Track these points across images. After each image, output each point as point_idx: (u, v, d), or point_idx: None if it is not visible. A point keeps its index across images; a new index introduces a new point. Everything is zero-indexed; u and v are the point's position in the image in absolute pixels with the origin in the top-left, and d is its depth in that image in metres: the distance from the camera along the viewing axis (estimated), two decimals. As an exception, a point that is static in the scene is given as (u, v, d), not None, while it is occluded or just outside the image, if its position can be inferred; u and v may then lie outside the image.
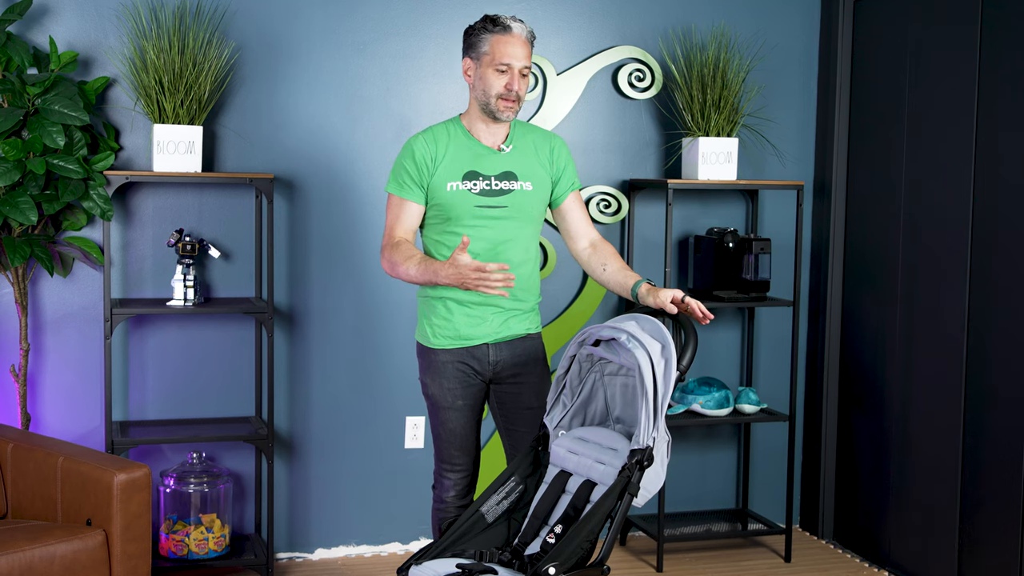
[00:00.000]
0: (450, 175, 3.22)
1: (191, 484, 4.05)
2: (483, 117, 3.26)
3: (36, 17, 3.96)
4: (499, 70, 3.19)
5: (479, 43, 3.23)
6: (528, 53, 3.21)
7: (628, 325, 2.91)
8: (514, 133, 3.31)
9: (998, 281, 3.89)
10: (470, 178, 3.22)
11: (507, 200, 3.23)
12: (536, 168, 3.29)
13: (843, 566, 4.49)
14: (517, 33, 3.20)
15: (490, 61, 3.20)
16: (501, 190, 3.23)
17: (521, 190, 3.25)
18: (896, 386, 4.40)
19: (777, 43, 4.73)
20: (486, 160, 3.25)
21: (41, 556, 3.11)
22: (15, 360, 3.99)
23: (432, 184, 3.23)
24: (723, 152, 4.42)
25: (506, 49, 3.18)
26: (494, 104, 3.21)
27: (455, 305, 3.24)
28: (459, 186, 3.21)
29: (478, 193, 3.21)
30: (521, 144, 3.30)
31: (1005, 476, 3.85)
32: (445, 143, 3.26)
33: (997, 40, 3.90)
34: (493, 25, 3.21)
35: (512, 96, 3.19)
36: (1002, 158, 3.87)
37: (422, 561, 2.86)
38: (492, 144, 3.28)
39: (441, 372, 3.28)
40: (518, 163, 3.27)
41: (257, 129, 4.22)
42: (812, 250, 4.83)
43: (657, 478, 2.83)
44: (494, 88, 3.20)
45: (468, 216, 3.21)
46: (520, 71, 3.20)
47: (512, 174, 3.26)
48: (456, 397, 3.28)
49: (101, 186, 3.85)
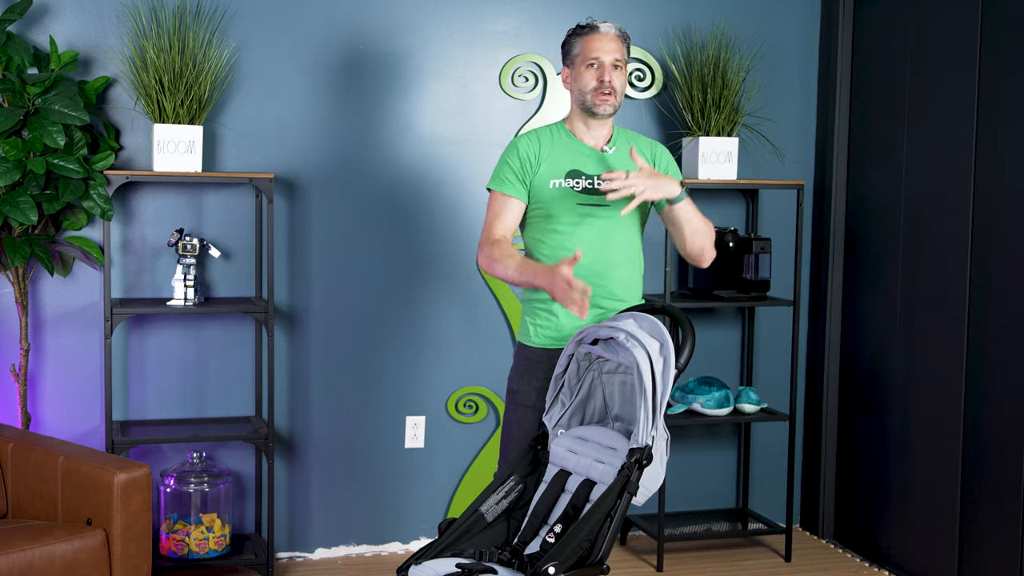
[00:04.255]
0: (553, 173, 3.23)
1: (191, 484, 4.05)
2: (583, 118, 3.27)
3: (36, 17, 3.96)
4: (590, 65, 3.22)
5: (571, 48, 3.28)
6: (618, 47, 3.24)
7: (626, 324, 2.91)
8: (617, 137, 3.33)
9: (999, 280, 3.89)
10: (573, 176, 3.23)
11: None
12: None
13: (843, 566, 4.49)
14: (604, 31, 3.24)
15: (581, 61, 3.23)
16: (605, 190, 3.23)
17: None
18: (896, 386, 4.40)
19: (777, 42, 4.73)
20: (589, 160, 3.26)
21: (41, 556, 3.12)
22: (15, 360, 4.00)
23: (535, 182, 3.23)
24: (723, 151, 4.42)
25: (594, 45, 3.22)
26: (590, 100, 3.22)
27: (559, 306, 3.23)
28: (561, 183, 3.22)
29: (580, 191, 3.22)
30: (624, 147, 3.31)
31: (1006, 475, 3.84)
32: (549, 143, 3.27)
33: (998, 39, 3.90)
34: (581, 29, 3.27)
35: (606, 88, 3.20)
36: (1003, 156, 3.87)
37: (422, 561, 2.86)
38: (595, 145, 3.29)
39: (532, 370, 3.26)
40: (621, 164, 3.27)
41: (257, 129, 4.22)
42: (812, 250, 4.83)
43: (657, 476, 2.84)
44: (588, 84, 3.22)
45: (569, 214, 3.21)
46: (611, 64, 3.22)
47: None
48: (539, 397, 3.25)
49: (101, 186, 3.85)
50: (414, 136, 4.38)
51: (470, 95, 4.42)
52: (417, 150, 4.37)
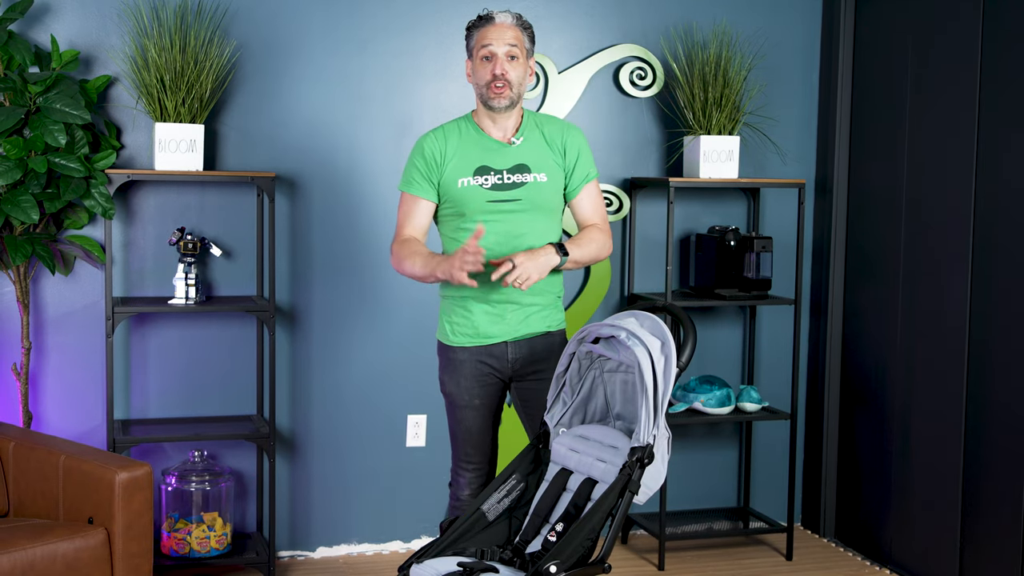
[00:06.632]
0: (460, 171, 3.22)
1: (193, 482, 4.05)
2: (487, 112, 3.25)
3: (38, 16, 3.96)
4: (484, 58, 3.19)
5: (469, 41, 3.26)
6: (514, 35, 3.19)
7: (627, 322, 2.91)
8: (526, 124, 3.29)
9: (1000, 279, 3.89)
10: (481, 173, 3.21)
11: (520, 193, 3.21)
12: (548, 159, 3.27)
13: (844, 564, 4.49)
14: (500, 21, 3.20)
15: (477, 53, 3.21)
16: (514, 183, 3.22)
17: (535, 182, 3.23)
18: (898, 384, 4.40)
19: (779, 41, 4.73)
20: (497, 154, 3.24)
21: (43, 554, 3.12)
22: (17, 359, 4.00)
23: (443, 181, 3.22)
24: (724, 150, 4.42)
25: (488, 36, 3.19)
26: (486, 93, 3.20)
27: (474, 304, 3.23)
28: (470, 182, 3.21)
29: (490, 188, 3.20)
30: (532, 135, 3.28)
31: (1007, 474, 3.84)
32: (456, 139, 3.25)
33: (999, 38, 3.90)
34: (478, 20, 3.23)
35: (500, 81, 3.17)
36: (1004, 156, 3.87)
37: (423, 559, 2.86)
38: (502, 137, 3.27)
39: (459, 370, 3.27)
40: (530, 154, 3.25)
41: (258, 127, 4.22)
42: (813, 248, 4.83)
43: (658, 475, 2.83)
44: (483, 78, 3.20)
45: (481, 211, 3.20)
46: (506, 55, 3.18)
47: (525, 166, 3.24)
48: (473, 396, 3.27)
49: (103, 184, 3.85)
50: (415, 135, 4.37)
51: (471, 94, 4.41)
52: (418, 149, 4.36)
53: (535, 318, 3.27)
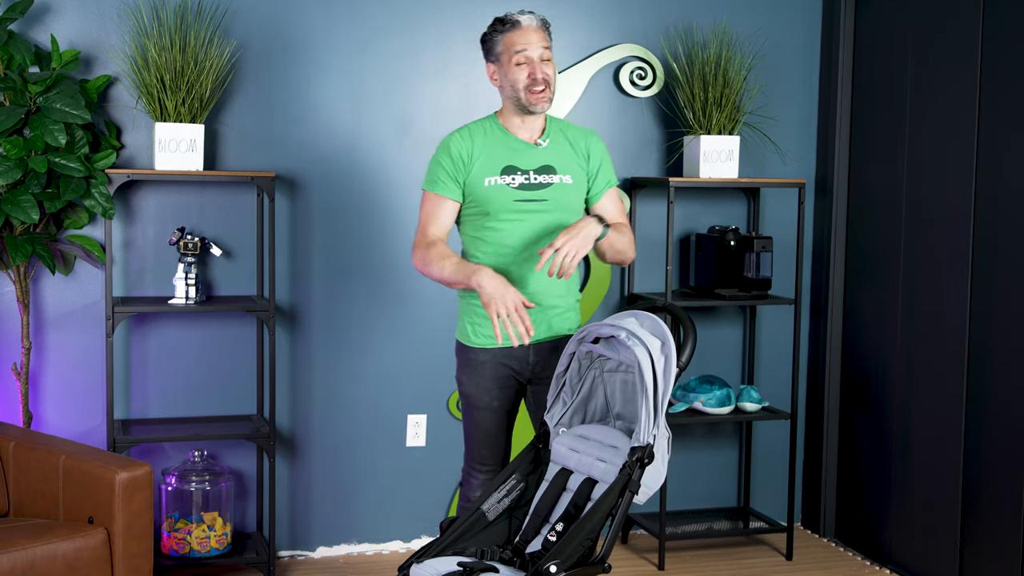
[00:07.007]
0: (487, 170, 3.21)
1: (193, 482, 4.05)
2: (518, 113, 3.25)
3: (38, 15, 3.96)
4: (518, 63, 3.19)
5: (494, 46, 3.24)
6: (543, 38, 3.21)
7: (627, 322, 2.91)
8: (551, 128, 3.30)
9: (1000, 279, 3.89)
10: (508, 172, 3.21)
11: (547, 193, 3.22)
12: (573, 162, 3.28)
13: (844, 564, 4.49)
14: (526, 24, 3.21)
15: (508, 58, 3.20)
16: (540, 184, 3.22)
17: (561, 183, 3.24)
18: (898, 384, 4.40)
19: (779, 41, 4.73)
20: (524, 154, 3.24)
21: (43, 554, 3.12)
22: (17, 358, 4.00)
23: (469, 180, 3.22)
24: (724, 150, 4.42)
25: (519, 40, 3.19)
26: (525, 98, 3.20)
27: None
28: (497, 180, 3.20)
29: (517, 187, 3.20)
30: (558, 138, 3.29)
31: (1007, 474, 3.84)
32: (481, 139, 3.25)
33: (999, 37, 3.90)
34: (502, 25, 3.23)
35: (540, 84, 3.19)
36: (1004, 156, 3.87)
37: (423, 559, 2.86)
38: (529, 138, 3.27)
39: (479, 372, 3.26)
40: (556, 156, 3.26)
41: (259, 127, 4.22)
42: (814, 248, 4.83)
43: (658, 475, 2.83)
44: (520, 82, 3.19)
45: (507, 211, 3.20)
46: (540, 57, 3.20)
47: (551, 167, 3.24)
48: (492, 398, 3.26)
49: (103, 184, 3.85)
50: (415, 135, 4.37)
51: (472, 94, 4.42)
52: (419, 149, 4.36)
53: (556, 321, 3.27)
